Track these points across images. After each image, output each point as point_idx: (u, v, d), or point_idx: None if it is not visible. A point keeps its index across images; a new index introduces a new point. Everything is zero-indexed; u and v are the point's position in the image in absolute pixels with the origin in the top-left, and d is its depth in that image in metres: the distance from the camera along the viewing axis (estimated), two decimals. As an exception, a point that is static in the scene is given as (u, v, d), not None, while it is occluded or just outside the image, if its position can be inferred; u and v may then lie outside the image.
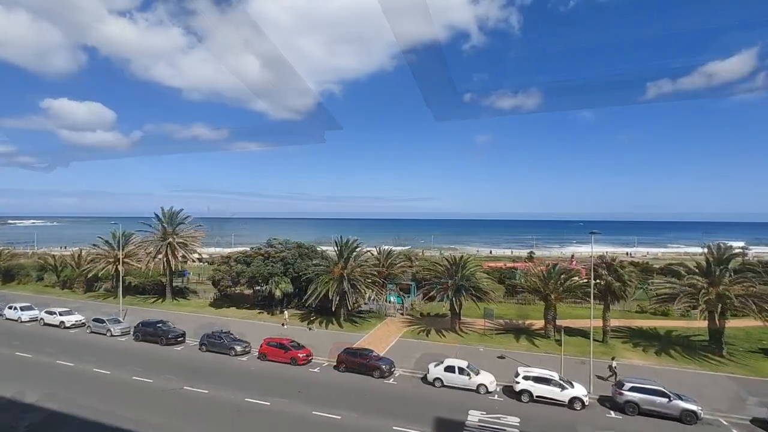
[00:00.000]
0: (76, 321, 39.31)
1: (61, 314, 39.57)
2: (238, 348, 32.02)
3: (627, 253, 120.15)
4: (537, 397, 24.27)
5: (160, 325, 35.52)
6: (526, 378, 24.84)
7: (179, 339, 34.76)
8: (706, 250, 36.16)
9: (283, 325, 40.36)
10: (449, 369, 26.53)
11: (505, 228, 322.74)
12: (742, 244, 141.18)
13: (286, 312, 41.99)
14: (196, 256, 56.20)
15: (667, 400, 22.61)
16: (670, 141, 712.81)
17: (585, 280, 39.11)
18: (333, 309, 39.97)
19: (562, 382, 24.44)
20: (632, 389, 23.35)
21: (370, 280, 42.29)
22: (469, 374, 26.03)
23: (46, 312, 40.25)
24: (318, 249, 50.35)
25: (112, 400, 23.30)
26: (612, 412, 23.50)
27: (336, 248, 43.68)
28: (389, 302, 47.98)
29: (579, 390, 24.15)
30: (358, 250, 44.19)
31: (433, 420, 21.63)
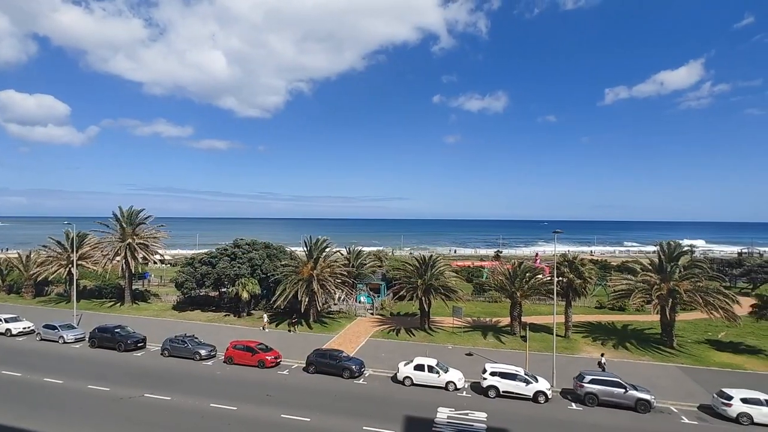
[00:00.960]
0: (24, 328, 36.79)
1: (6, 321, 36.86)
2: (203, 352, 30.99)
3: (591, 252, 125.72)
4: (503, 392, 24.94)
5: (118, 330, 33.82)
6: (493, 374, 25.47)
7: (139, 344, 33.24)
8: (658, 248, 38.32)
9: (263, 328, 39.30)
10: (419, 367, 26.80)
11: (474, 228, 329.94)
12: (702, 242, 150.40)
13: (265, 315, 40.71)
14: (158, 257, 53.94)
15: (624, 390, 23.81)
16: (626, 145, 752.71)
17: (549, 278, 40.58)
18: (302, 310, 39.45)
19: (527, 377, 25.22)
20: (592, 381, 24.43)
21: (339, 281, 42.07)
22: (438, 372, 26.40)
23: (-11, 319, 37.41)
24: (287, 249, 49.56)
25: (64, 411, 21.98)
26: (573, 404, 24.49)
27: (305, 248, 43.17)
28: (359, 302, 47.93)
29: (543, 384, 25.02)
30: (327, 250, 43.85)
31: (403, 418, 21.78)
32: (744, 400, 22.49)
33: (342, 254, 50.81)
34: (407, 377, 26.77)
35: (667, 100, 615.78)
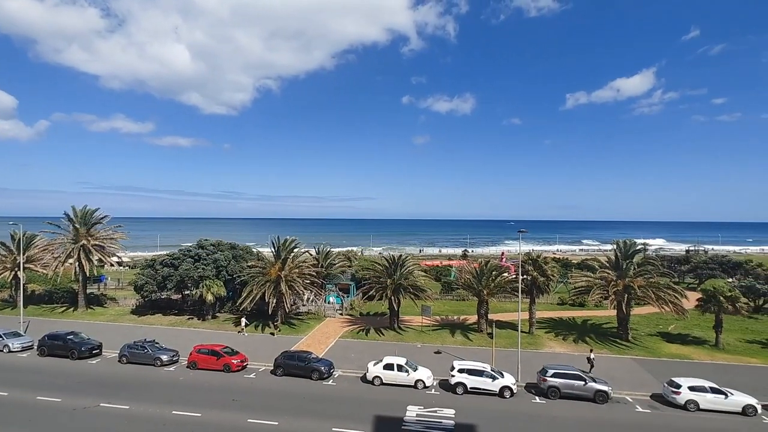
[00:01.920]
0: (-36, 337, 34.02)
1: (-57, 330, 33.99)
2: (164, 357, 29.76)
3: (558, 250, 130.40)
4: (471, 388, 25.45)
5: (71, 337, 31.86)
6: (460, 371, 25.93)
7: (94, 351, 31.49)
8: (615, 246, 40.27)
9: (240, 332, 38.13)
10: (388, 367, 26.90)
11: (443, 228, 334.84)
12: (662, 240, 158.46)
13: (243, 319, 39.29)
14: (115, 259, 51.31)
15: (584, 383, 24.86)
16: (587, 147, 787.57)
17: (514, 276, 41.78)
18: (269, 312, 38.68)
19: (493, 373, 25.86)
20: (554, 375, 25.34)
21: (308, 281, 41.55)
22: (407, 371, 26.59)
23: None
24: (253, 250, 48.43)
25: (10, 425, 20.50)
26: (537, 397, 25.32)
27: (273, 249, 42.36)
28: (328, 303, 47.55)
29: (508, 379, 25.73)
30: (296, 250, 43.21)
31: (373, 418, 21.78)
32: (691, 388, 24.01)
33: (311, 254, 50.25)
34: (377, 377, 26.80)
35: (623, 105, 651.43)
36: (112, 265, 52.30)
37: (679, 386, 24.30)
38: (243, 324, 38.79)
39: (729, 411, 23.38)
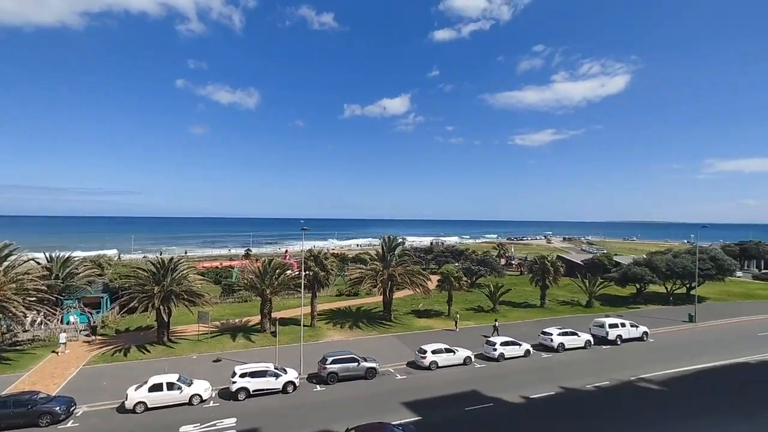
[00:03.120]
0: None
1: None
2: None
3: (336, 246, 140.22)
4: (254, 391, 24.74)
5: None
6: (242, 375, 24.86)
7: None
8: (381, 240, 46.84)
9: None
10: (155, 388, 23.24)
11: (225, 226, 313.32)
12: (456, 238, 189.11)
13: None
14: None
15: (357, 364, 27.86)
16: (360, 153, 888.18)
17: (297, 273, 43.00)
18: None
19: (276, 371, 25.86)
20: (332, 362, 27.43)
21: (33, 299, 31.45)
22: (180, 387, 23.63)
23: None
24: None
25: None
26: (318, 386, 26.83)
27: (-31, 259, 30.15)
28: (68, 323, 37.39)
29: (291, 374, 26.25)
30: (11, 258, 32.07)
31: (134, 453, 18.39)
32: (433, 352, 30.31)
33: (39, 263, 38.35)
34: (140, 402, 22.75)
35: (389, 122, 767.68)
36: None
37: (425, 351, 30.27)
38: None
39: (456, 364, 30.63)
